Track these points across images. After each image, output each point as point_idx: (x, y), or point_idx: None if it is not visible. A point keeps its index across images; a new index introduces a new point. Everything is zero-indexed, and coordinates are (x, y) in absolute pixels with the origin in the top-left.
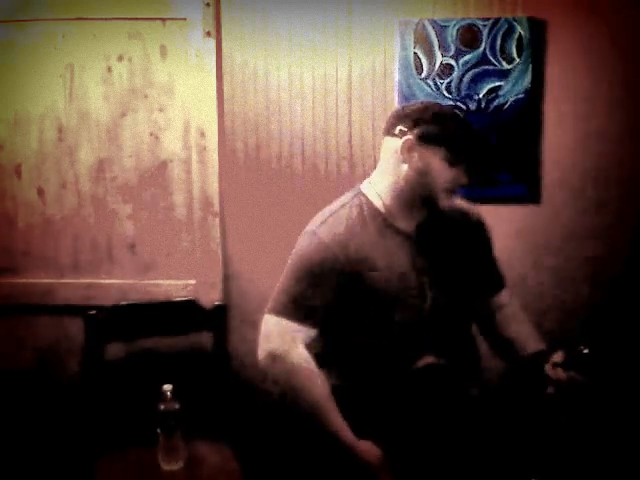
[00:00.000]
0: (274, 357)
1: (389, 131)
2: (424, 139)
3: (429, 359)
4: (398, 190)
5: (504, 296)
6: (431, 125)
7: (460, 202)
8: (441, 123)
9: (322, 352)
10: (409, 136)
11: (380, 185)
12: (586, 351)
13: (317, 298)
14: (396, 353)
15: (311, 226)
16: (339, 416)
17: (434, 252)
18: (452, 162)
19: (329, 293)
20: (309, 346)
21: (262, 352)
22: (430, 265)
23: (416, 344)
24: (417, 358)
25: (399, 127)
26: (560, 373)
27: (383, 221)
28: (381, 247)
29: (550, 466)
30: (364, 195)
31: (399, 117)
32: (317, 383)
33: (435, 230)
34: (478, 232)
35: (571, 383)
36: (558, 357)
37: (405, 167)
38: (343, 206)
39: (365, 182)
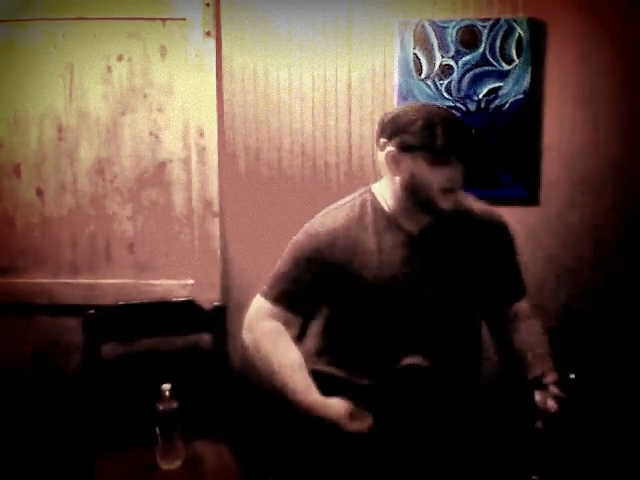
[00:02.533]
0: (248, 329)
1: (377, 144)
2: (404, 148)
3: (413, 359)
4: (398, 197)
5: (522, 307)
6: (406, 133)
7: (480, 205)
8: (416, 128)
9: (320, 344)
10: (390, 147)
11: (385, 191)
12: (572, 376)
13: (298, 286)
14: (384, 349)
15: (315, 216)
16: (304, 379)
17: (437, 254)
18: (438, 162)
19: (310, 283)
20: (288, 326)
21: (243, 328)
22: (430, 267)
23: (403, 343)
24: (406, 356)
25: (381, 139)
26: (550, 403)
27: (387, 220)
28: (377, 243)
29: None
30: (372, 194)
31: (380, 128)
32: (279, 350)
33: (442, 232)
34: (496, 236)
35: (560, 412)
36: (551, 379)
37: (397, 179)
38: (347, 202)
39: (377, 182)
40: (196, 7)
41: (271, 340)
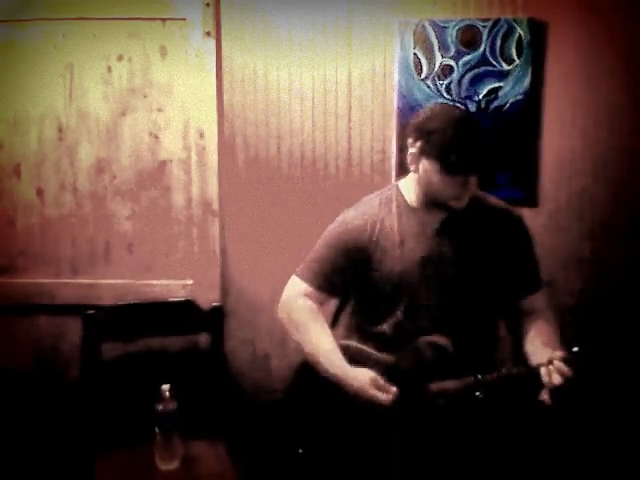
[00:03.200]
0: (282, 305)
1: (407, 140)
2: (423, 153)
3: (435, 337)
4: (417, 193)
5: (537, 300)
6: (426, 140)
7: (498, 201)
8: (435, 139)
9: (350, 323)
10: (412, 149)
11: (409, 185)
12: (575, 349)
13: (333, 271)
14: (409, 335)
15: (345, 210)
16: (334, 351)
17: (457, 244)
18: (449, 173)
19: (345, 269)
20: (321, 304)
21: (279, 305)
22: (451, 256)
23: (429, 328)
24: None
25: (409, 139)
26: (555, 377)
27: (411, 212)
28: (402, 234)
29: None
30: (397, 188)
31: (409, 128)
32: (311, 325)
33: (461, 224)
34: (512, 227)
35: (565, 385)
36: (557, 355)
37: (416, 175)
38: (376, 195)
39: (403, 179)
40: (196, 7)
41: (304, 315)
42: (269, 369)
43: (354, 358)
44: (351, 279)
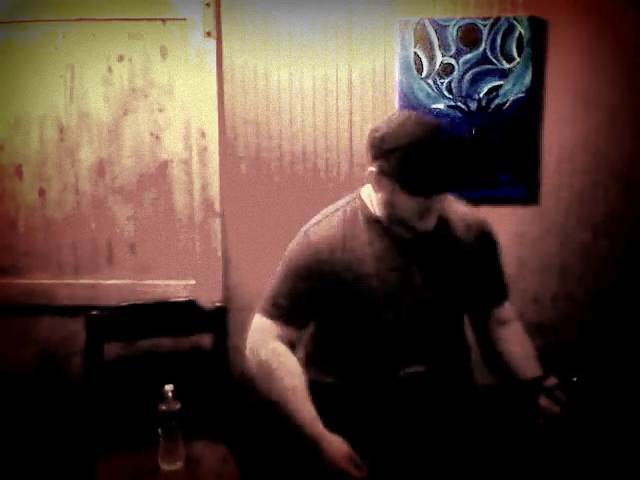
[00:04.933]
0: (252, 351)
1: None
2: (383, 173)
3: (417, 368)
4: (381, 210)
5: (507, 311)
6: (386, 160)
7: (465, 209)
8: (394, 160)
9: (313, 351)
10: (371, 168)
11: (373, 196)
12: (575, 379)
13: (299, 300)
14: (382, 356)
15: (305, 226)
16: (310, 409)
17: (430, 258)
18: (414, 195)
19: (311, 296)
20: (292, 344)
21: (247, 349)
22: (425, 271)
23: (403, 349)
24: (404, 363)
25: (368, 156)
26: (552, 406)
27: (380, 227)
28: (371, 250)
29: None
30: (361, 200)
31: (367, 143)
32: (286, 375)
33: (429, 237)
34: (481, 241)
35: (562, 414)
36: (552, 381)
37: (378, 195)
38: (338, 209)
39: (365, 187)
40: (196, 7)
41: (278, 365)
42: None
43: (314, 392)
44: (318, 304)
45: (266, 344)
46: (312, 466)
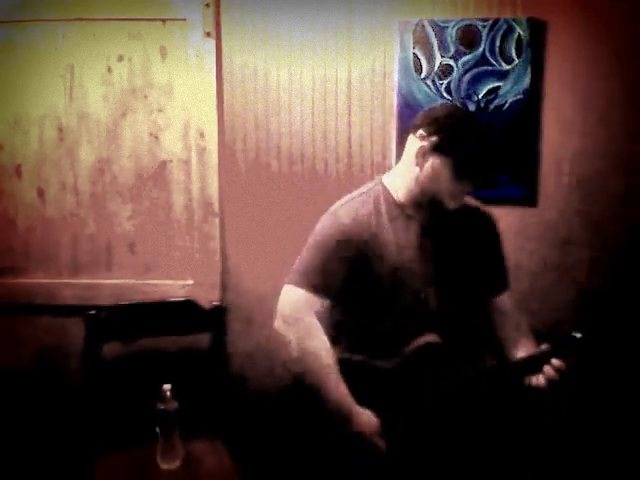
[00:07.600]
0: (289, 323)
1: (414, 131)
2: (438, 149)
3: (429, 337)
4: (410, 188)
5: (506, 300)
6: (447, 136)
7: (474, 202)
8: (457, 137)
9: (333, 323)
10: (425, 143)
11: (397, 179)
12: (579, 336)
13: (332, 273)
14: (399, 331)
15: (332, 208)
16: (343, 384)
17: (441, 243)
18: (460, 176)
19: (343, 270)
20: (320, 315)
21: (278, 319)
22: (436, 254)
23: (418, 324)
24: (418, 336)
25: (420, 130)
26: (551, 371)
27: (398, 210)
28: (393, 232)
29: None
30: (383, 185)
31: (424, 120)
32: (325, 350)
33: (444, 224)
34: (486, 231)
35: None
36: (546, 347)
37: (418, 170)
38: (362, 194)
39: (387, 173)
40: (196, 7)
41: (315, 340)
42: (270, 369)
43: (355, 374)
44: (346, 281)
45: (303, 318)
46: (311, 461)
